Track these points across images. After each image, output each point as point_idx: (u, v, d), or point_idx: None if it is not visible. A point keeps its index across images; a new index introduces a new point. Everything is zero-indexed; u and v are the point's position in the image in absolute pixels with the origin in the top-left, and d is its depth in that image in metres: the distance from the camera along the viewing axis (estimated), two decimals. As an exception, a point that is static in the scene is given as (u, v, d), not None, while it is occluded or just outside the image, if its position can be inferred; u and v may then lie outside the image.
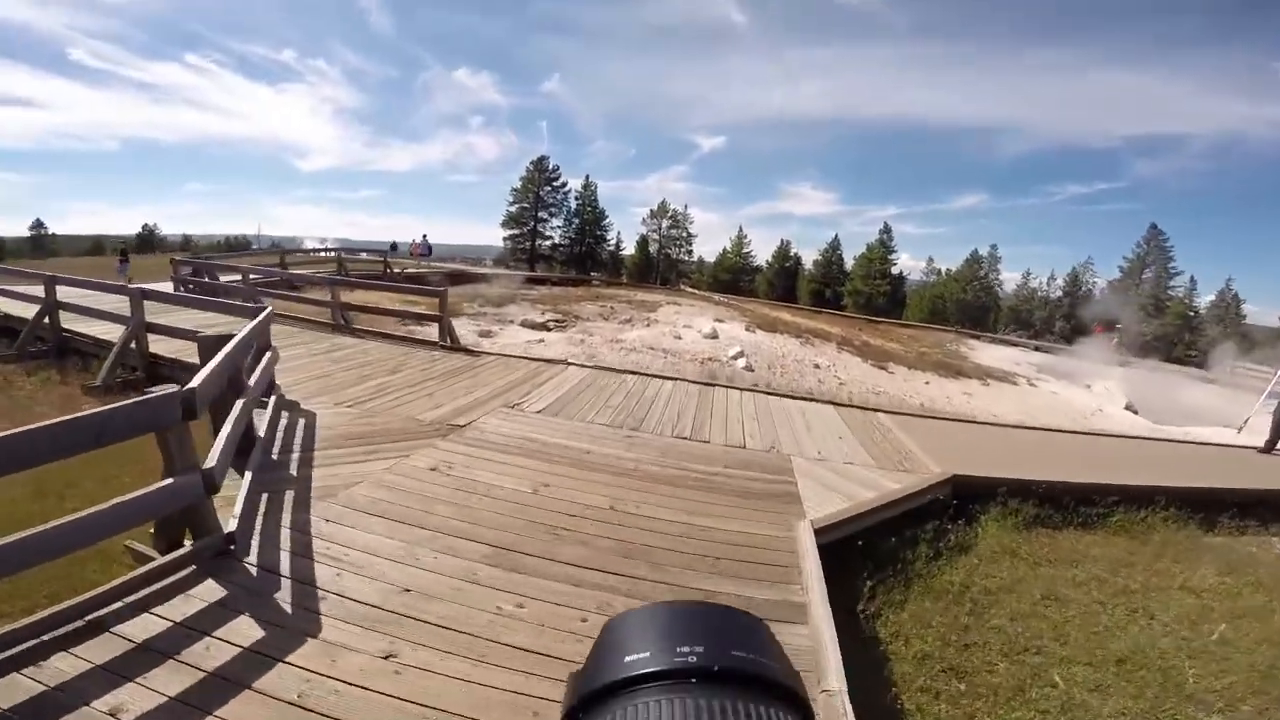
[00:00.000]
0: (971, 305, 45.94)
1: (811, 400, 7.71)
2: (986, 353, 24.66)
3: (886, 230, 50.40)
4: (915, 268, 53.32)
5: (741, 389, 7.73)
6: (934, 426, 7.10)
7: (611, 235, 57.47)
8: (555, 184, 55.17)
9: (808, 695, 0.32)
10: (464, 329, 12.34)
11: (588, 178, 56.66)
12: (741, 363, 11.66)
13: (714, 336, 14.16)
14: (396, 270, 21.69)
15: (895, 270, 49.65)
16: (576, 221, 55.33)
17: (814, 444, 5.70)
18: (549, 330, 13.69)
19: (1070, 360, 24.00)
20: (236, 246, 52.81)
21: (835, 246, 53.77)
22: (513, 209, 54.29)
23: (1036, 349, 28.63)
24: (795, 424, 6.36)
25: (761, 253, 57.77)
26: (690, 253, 58.26)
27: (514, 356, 8.71)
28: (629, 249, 57.95)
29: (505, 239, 54.30)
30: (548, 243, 55.13)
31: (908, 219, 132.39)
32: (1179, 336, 36.44)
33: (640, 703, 0.30)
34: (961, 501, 4.94)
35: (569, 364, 8.31)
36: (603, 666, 0.33)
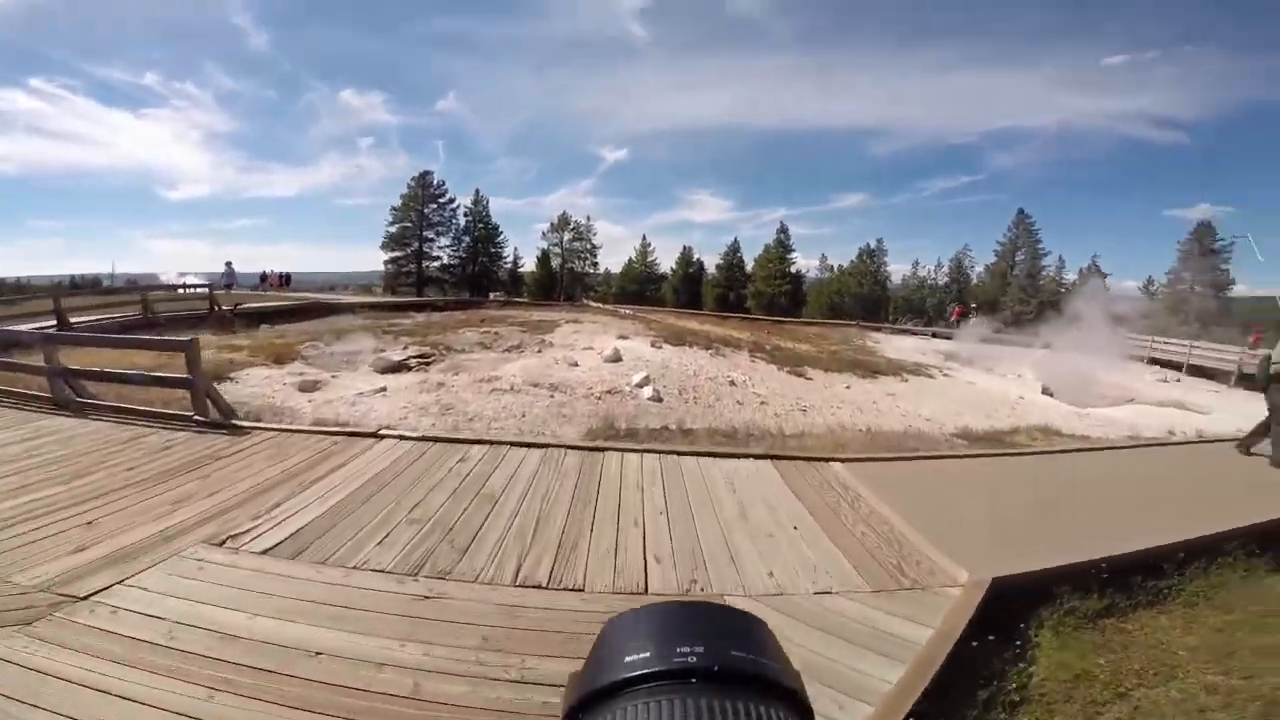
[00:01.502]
0: (867, 298, 47.31)
1: (740, 456, 5.66)
2: (891, 344, 24.45)
3: (783, 230, 51.10)
4: (810, 266, 54.65)
5: (643, 450, 5.60)
6: (905, 473, 5.38)
7: (508, 252, 54.65)
8: (441, 201, 51.66)
9: (807, 695, 0.32)
10: (283, 381, 9.58)
11: (478, 192, 53.58)
12: (647, 391, 9.69)
13: (617, 359, 12.14)
14: (228, 308, 17.98)
15: (794, 269, 50.37)
16: (467, 239, 52.03)
17: (758, 550, 3.76)
18: (405, 372, 11.11)
19: (964, 344, 24.29)
20: (82, 286, 44.92)
21: (735, 249, 53.90)
22: (393, 229, 50.20)
23: (933, 335, 29.14)
24: (724, 508, 4.38)
25: (666, 261, 57.07)
26: (595, 265, 56.48)
27: (302, 431, 6.16)
28: (532, 266, 55.32)
29: (387, 262, 50.06)
30: (436, 263, 51.41)
31: (799, 220, 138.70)
32: (1054, 311, 38.86)
33: (640, 703, 0.30)
34: (1001, 612, 3.16)
35: (382, 436, 5.91)
36: (603, 666, 0.33)
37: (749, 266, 51.95)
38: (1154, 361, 20.95)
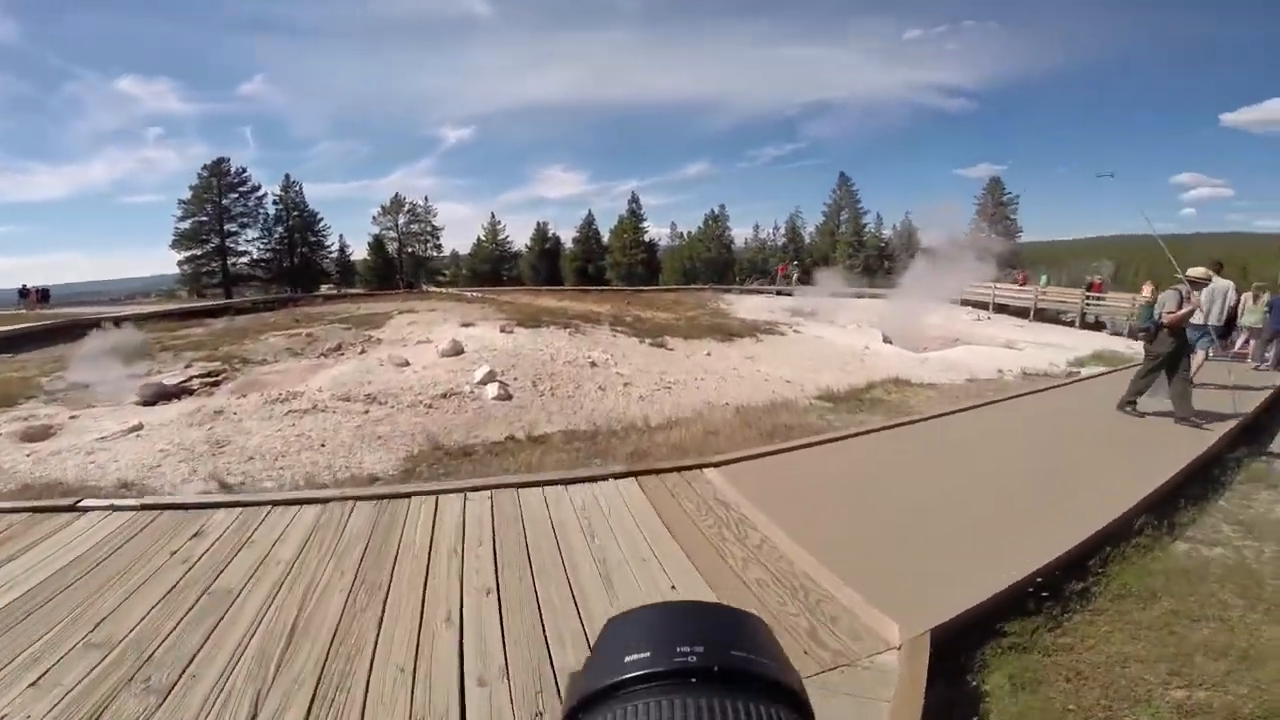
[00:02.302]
0: (715, 261, 48.82)
1: (598, 479, 4.36)
2: (743, 305, 25.00)
3: (635, 200, 50.84)
4: (662, 234, 55.35)
5: (467, 488, 4.17)
6: (785, 473, 4.54)
7: (332, 240, 48.76)
8: (243, 190, 44.52)
9: (807, 694, 0.32)
10: (8, 427, 6.96)
11: (288, 178, 46.93)
12: (493, 389, 8.32)
13: (457, 352, 10.52)
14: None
15: (648, 239, 50.54)
16: (280, 230, 45.52)
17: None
18: (178, 399, 8.65)
19: (802, 299, 25.65)
20: None
21: (590, 222, 52.77)
22: (184, 225, 42.45)
23: (778, 293, 30.48)
24: (581, 570, 3.17)
25: (522, 238, 54.39)
26: (439, 248, 52.30)
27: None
28: (365, 253, 49.74)
29: (182, 262, 42.38)
30: (245, 259, 44.52)
31: (651, 190, 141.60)
32: (878, 264, 42.75)
33: (640, 703, 0.30)
34: (942, 671, 2.39)
35: (83, 508, 3.99)
36: (602, 666, 0.32)
37: (606, 239, 51.28)
38: (965, 303, 23.37)
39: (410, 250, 50.19)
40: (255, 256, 45.15)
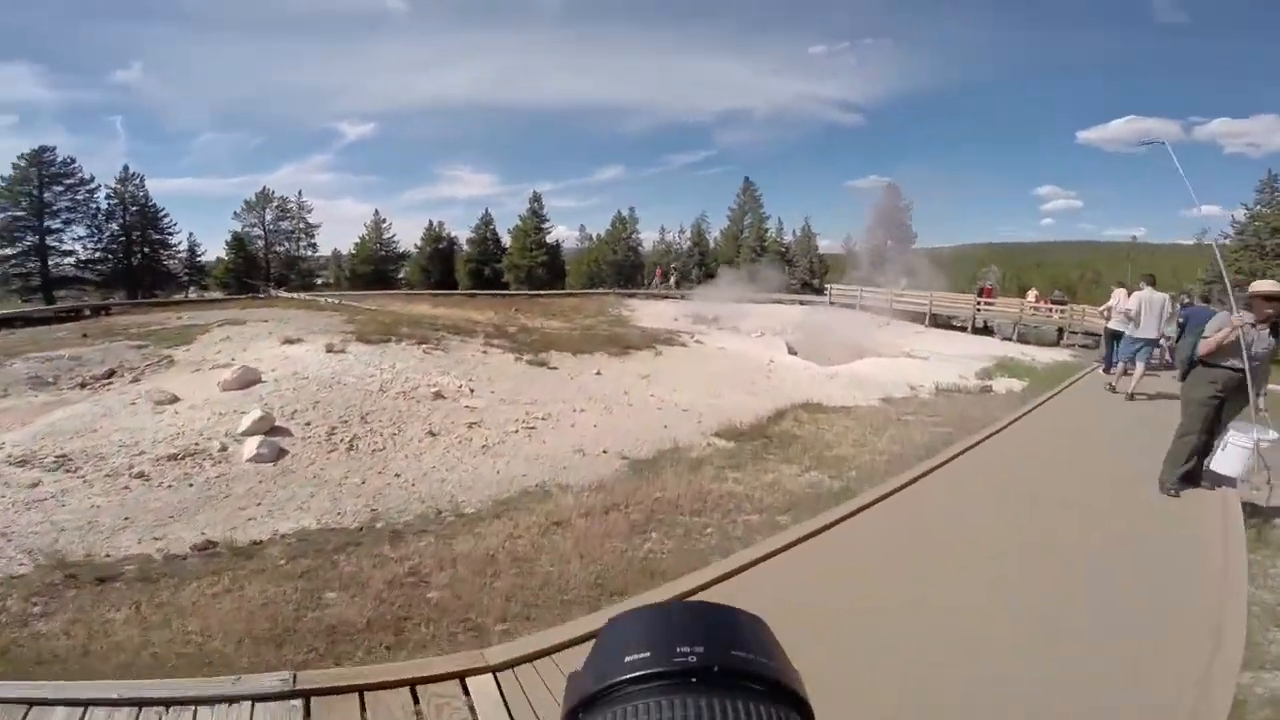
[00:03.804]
0: (622, 264, 47.43)
1: (233, 698, 2.14)
2: (646, 311, 23.37)
3: (536, 200, 48.16)
4: (570, 236, 53.32)
5: None
6: None
7: (179, 239, 42.60)
8: (70, 183, 37.79)
9: (808, 694, 0.32)
10: None
11: (127, 169, 40.44)
12: (253, 446, 5.92)
13: (249, 383, 7.92)
14: None
15: (551, 239, 48.18)
16: (114, 228, 39.07)
17: None
18: None
19: (705, 305, 24.47)
20: None
21: (488, 222, 49.47)
22: (-6, 220, 35.30)
23: (682, 297, 29.28)
24: None
25: (415, 237, 50.04)
26: (315, 246, 47.09)
27: None
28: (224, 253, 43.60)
29: (-12, 262, 35.24)
30: (69, 260, 37.84)
31: (564, 193, 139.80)
32: (781, 271, 42.88)
33: (640, 703, 0.30)
34: None
35: None
36: (603, 666, 0.32)
37: (507, 240, 48.23)
38: (865, 309, 23.13)
39: (279, 250, 44.79)
40: (83, 257, 38.45)
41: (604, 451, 6.45)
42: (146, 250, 40.61)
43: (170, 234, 41.86)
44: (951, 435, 6.87)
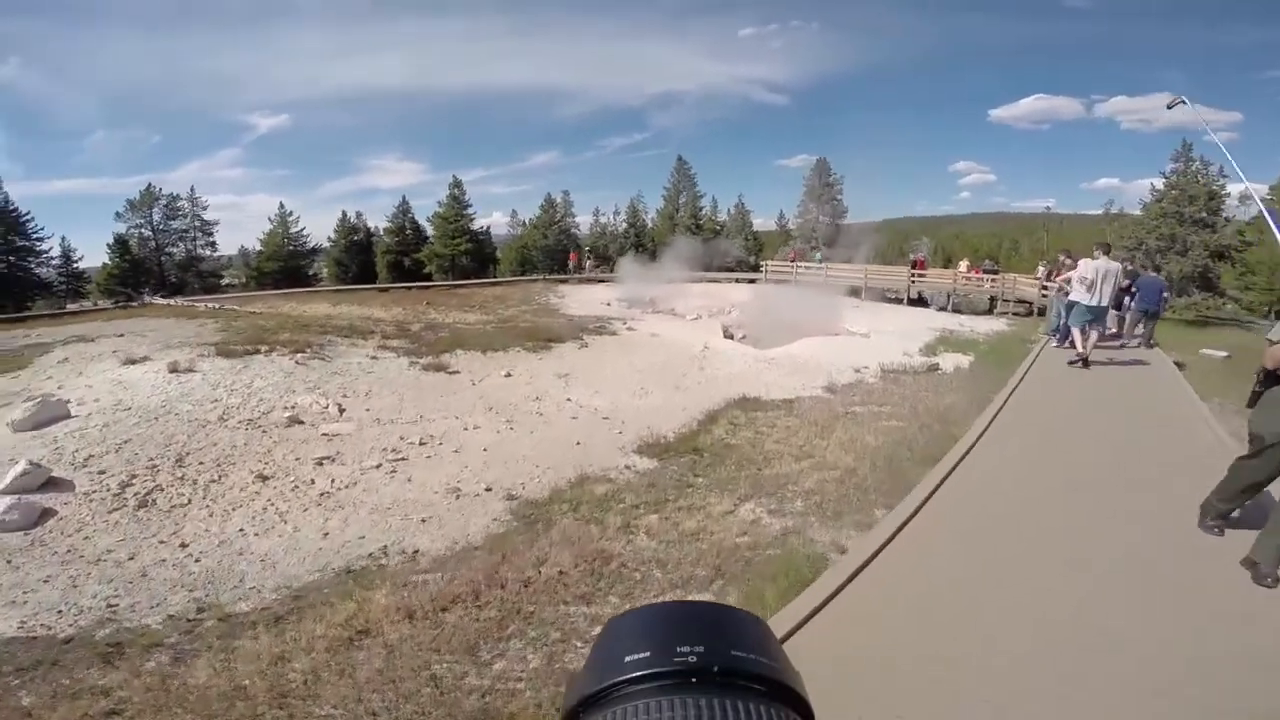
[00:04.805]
0: (554, 249, 45.49)
1: None
2: (577, 298, 21.80)
3: (457, 185, 45.25)
4: (502, 222, 50.94)
5: None
6: None
7: (50, 245, 37.73)
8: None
9: (807, 694, 0.32)
10: None
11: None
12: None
13: (50, 420, 6.17)
14: None
15: (479, 226, 45.57)
16: (-36, 233, 34.09)
17: None
18: None
19: (640, 286, 23.16)
20: None
21: (405, 210, 46.25)
22: None
23: (614, 281, 27.91)
24: None
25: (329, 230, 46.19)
26: (214, 245, 42.73)
27: None
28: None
29: None
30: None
31: (496, 179, 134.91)
32: (716, 247, 42.09)
33: (640, 703, 0.29)
34: None
35: None
36: (602, 666, 0.32)
37: (431, 229, 45.17)
38: (801, 285, 22.44)
39: (172, 252, 40.48)
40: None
41: (486, 489, 5.10)
42: (12, 259, 35.63)
43: (38, 240, 36.85)
44: (904, 431, 5.91)
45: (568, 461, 5.69)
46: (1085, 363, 8.35)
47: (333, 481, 5.32)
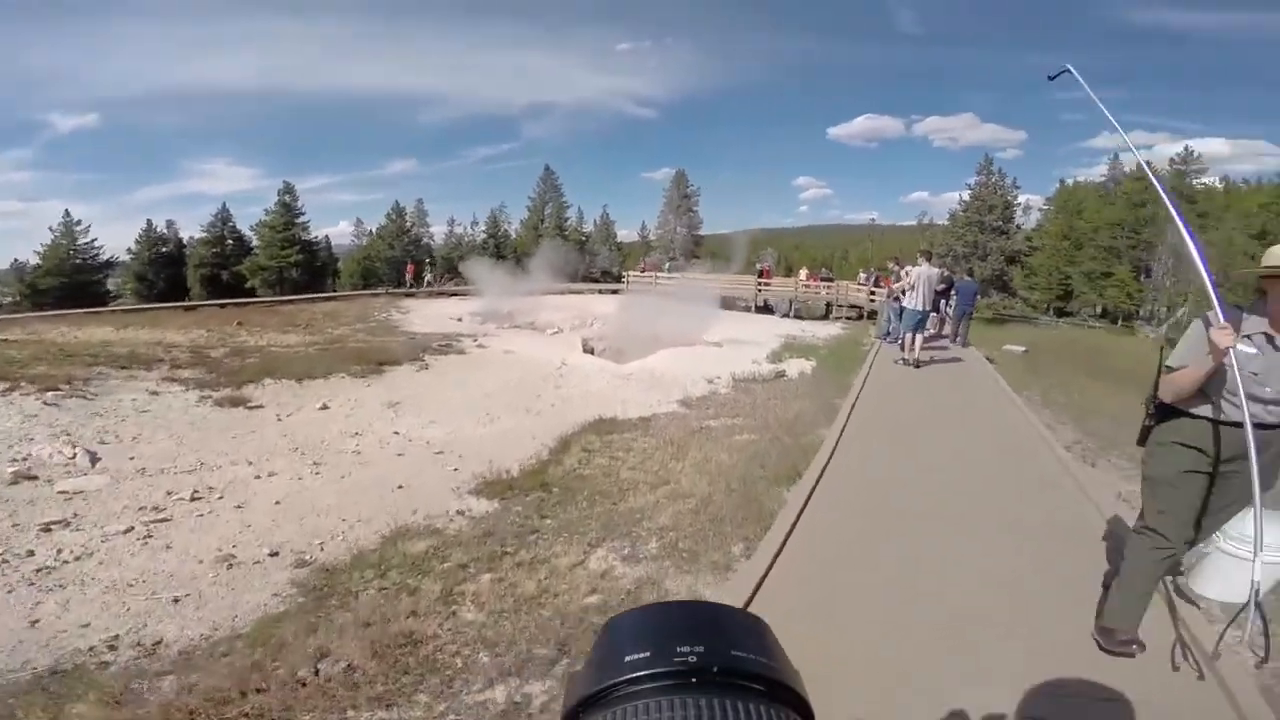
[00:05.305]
0: (401, 260, 42.33)
1: None
2: (422, 313, 19.92)
3: (288, 190, 40.33)
4: (346, 232, 46.49)
5: None
6: None
7: None
8: None
9: (807, 694, 0.32)
10: None
11: None
12: None
13: None
14: None
15: (313, 235, 40.97)
16: None
17: None
18: None
19: (497, 300, 21.99)
20: None
21: (225, 219, 40.32)
22: None
23: (470, 294, 26.40)
24: None
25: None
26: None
27: None
28: None
29: None
30: None
31: (344, 187, 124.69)
32: (580, 259, 41.70)
33: (640, 703, 0.29)
34: None
35: None
36: (602, 666, 0.32)
37: (255, 240, 39.63)
38: (661, 295, 22.66)
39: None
40: None
41: (271, 555, 4.04)
42: None
43: None
44: (757, 445, 5.73)
45: (384, 511, 4.74)
46: (916, 364, 9.00)
47: (59, 552, 3.96)
